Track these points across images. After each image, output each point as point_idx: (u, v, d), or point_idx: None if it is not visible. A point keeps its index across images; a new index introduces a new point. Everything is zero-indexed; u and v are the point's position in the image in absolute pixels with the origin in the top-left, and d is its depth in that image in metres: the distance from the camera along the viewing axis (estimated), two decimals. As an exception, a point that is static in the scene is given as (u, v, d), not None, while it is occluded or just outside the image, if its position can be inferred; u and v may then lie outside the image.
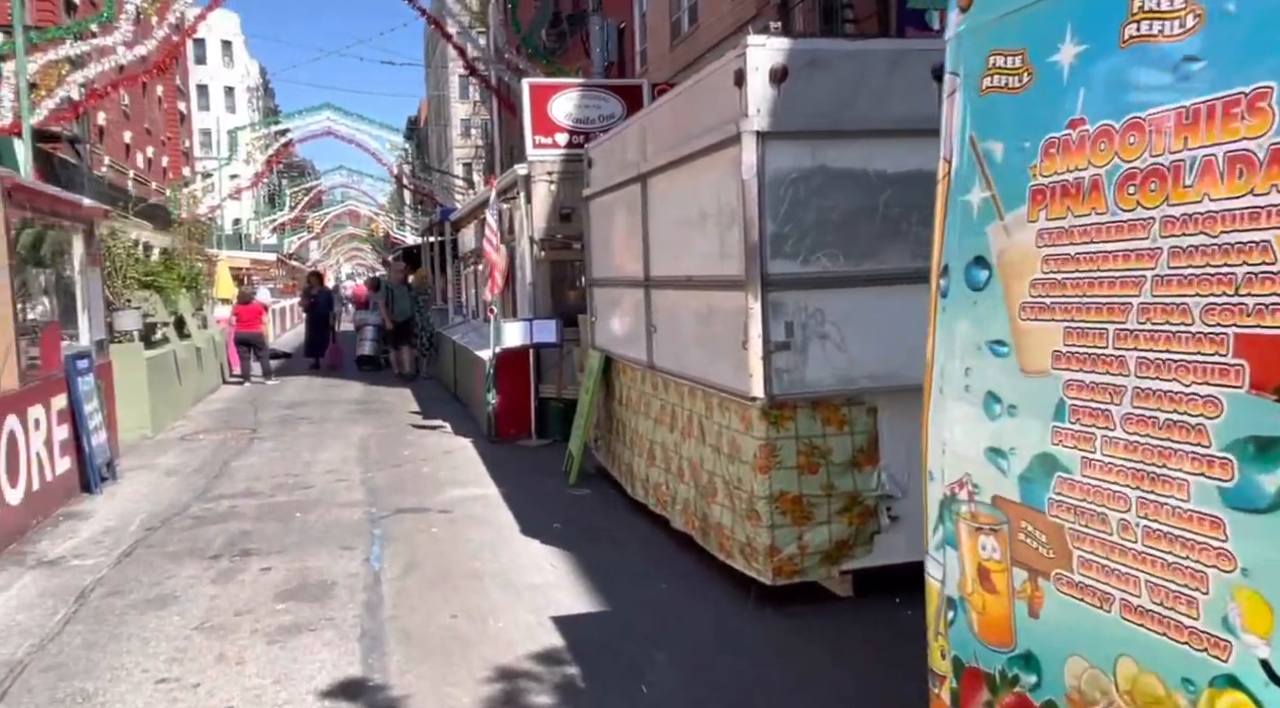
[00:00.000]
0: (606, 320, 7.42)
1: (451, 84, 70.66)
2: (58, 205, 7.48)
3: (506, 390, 9.35)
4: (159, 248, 13.83)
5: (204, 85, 66.02)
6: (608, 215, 7.20)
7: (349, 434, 9.91)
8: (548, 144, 9.51)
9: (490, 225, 9.16)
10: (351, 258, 80.00)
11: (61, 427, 7.03)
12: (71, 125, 26.15)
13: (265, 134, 37.35)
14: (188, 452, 9.14)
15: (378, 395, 13.15)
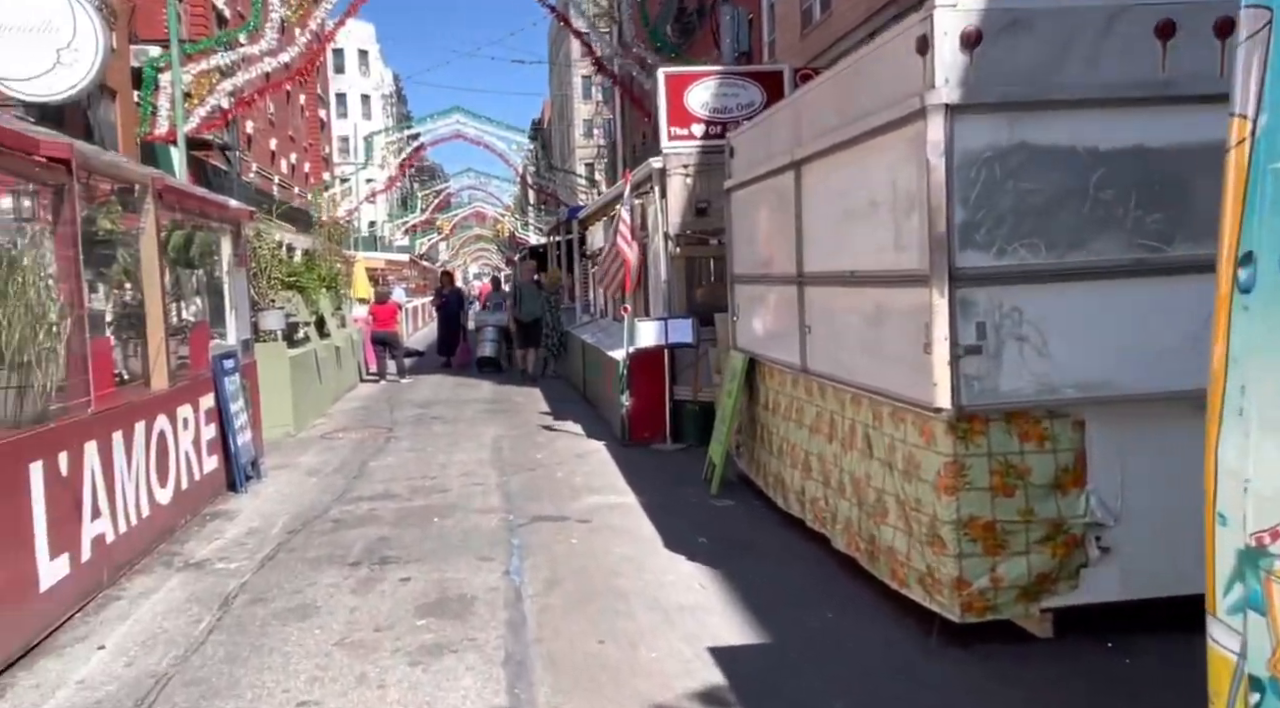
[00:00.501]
0: (750, 320, 6.97)
1: (575, 84, 71.47)
2: (206, 206, 7.59)
3: (640, 392, 9.02)
4: (301, 249, 14.22)
5: (342, 93, 68.97)
6: (752, 207, 6.75)
7: (481, 435, 9.81)
8: (683, 136, 9.13)
9: (624, 221, 8.85)
10: (478, 258, 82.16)
11: (209, 426, 7.11)
12: (222, 133, 27.55)
13: (398, 139, 38.54)
14: (328, 450, 9.21)
15: (507, 395, 13.09)
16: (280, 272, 11.43)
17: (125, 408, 5.55)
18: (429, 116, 37.11)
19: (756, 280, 6.71)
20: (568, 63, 72.13)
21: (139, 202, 6.11)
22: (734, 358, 7.19)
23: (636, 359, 8.96)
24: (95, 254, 5.88)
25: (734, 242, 7.30)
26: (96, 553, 4.95)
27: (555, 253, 19.68)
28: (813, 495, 5.48)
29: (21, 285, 4.37)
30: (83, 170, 5.12)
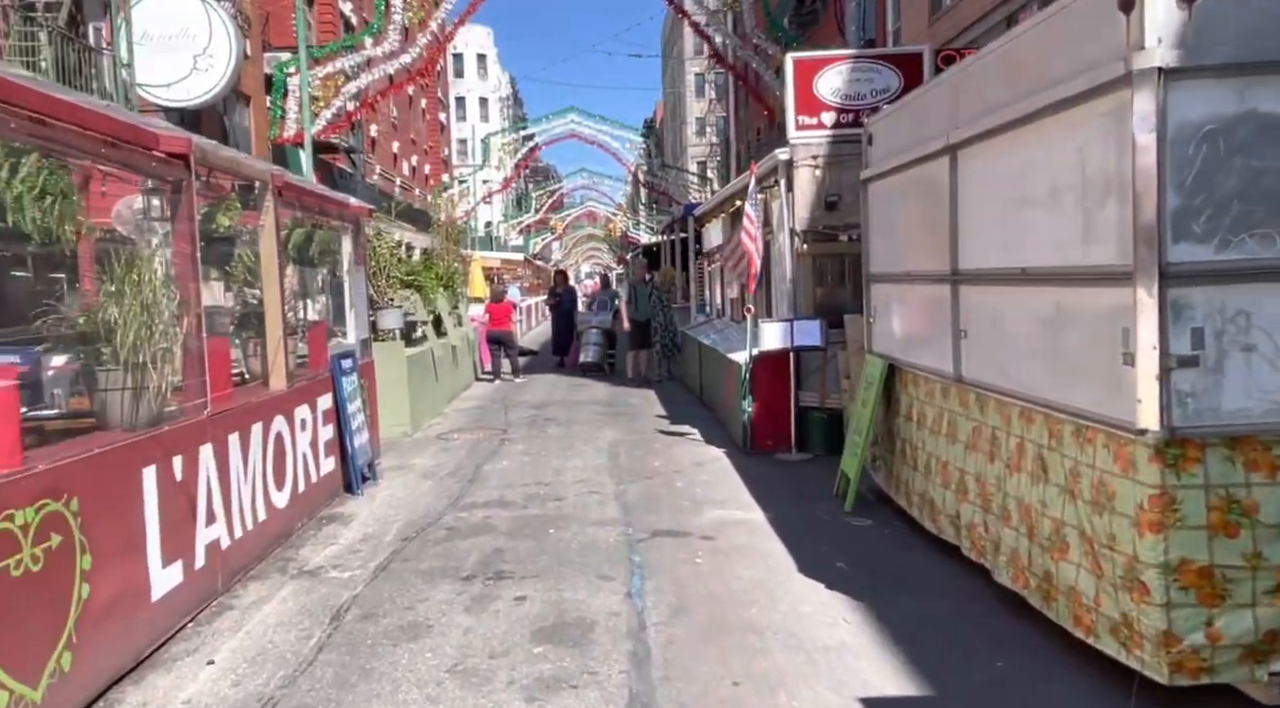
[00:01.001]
0: (889, 322, 6.39)
1: (688, 82, 71.16)
2: (325, 204, 7.51)
3: (763, 398, 8.52)
4: (419, 249, 14.30)
5: (461, 97, 70.67)
6: (894, 199, 6.17)
7: (596, 439, 9.50)
8: (812, 125, 8.58)
9: (749, 216, 8.37)
10: (589, 257, 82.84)
11: (327, 427, 7.01)
12: (347, 136, 28.40)
13: (513, 140, 39.01)
14: (443, 452, 9.07)
15: (622, 397, 12.78)
16: (399, 271, 11.42)
17: (242, 409, 5.44)
18: (544, 117, 37.41)
19: (898, 279, 6.13)
20: (681, 60, 71.89)
21: (259, 199, 6.02)
22: (870, 364, 6.62)
23: (759, 363, 8.47)
24: (214, 252, 5.81)
25: (871, 237, 6.73)
26: (211, 559, 4.81)
27: (669, 251, 19.31)
28: (969, 520, 4.88)
29: (137, 284, 4.24)
30: (201, 166, 5.00)
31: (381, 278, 10.46)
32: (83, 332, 4.24)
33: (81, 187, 5.98)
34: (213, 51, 14.99)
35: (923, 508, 5.63)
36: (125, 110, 4.51)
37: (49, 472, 3.46)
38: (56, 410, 5.03)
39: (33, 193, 3.56)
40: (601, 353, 15.44)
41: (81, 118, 3.98)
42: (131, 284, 4.25)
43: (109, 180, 5.80)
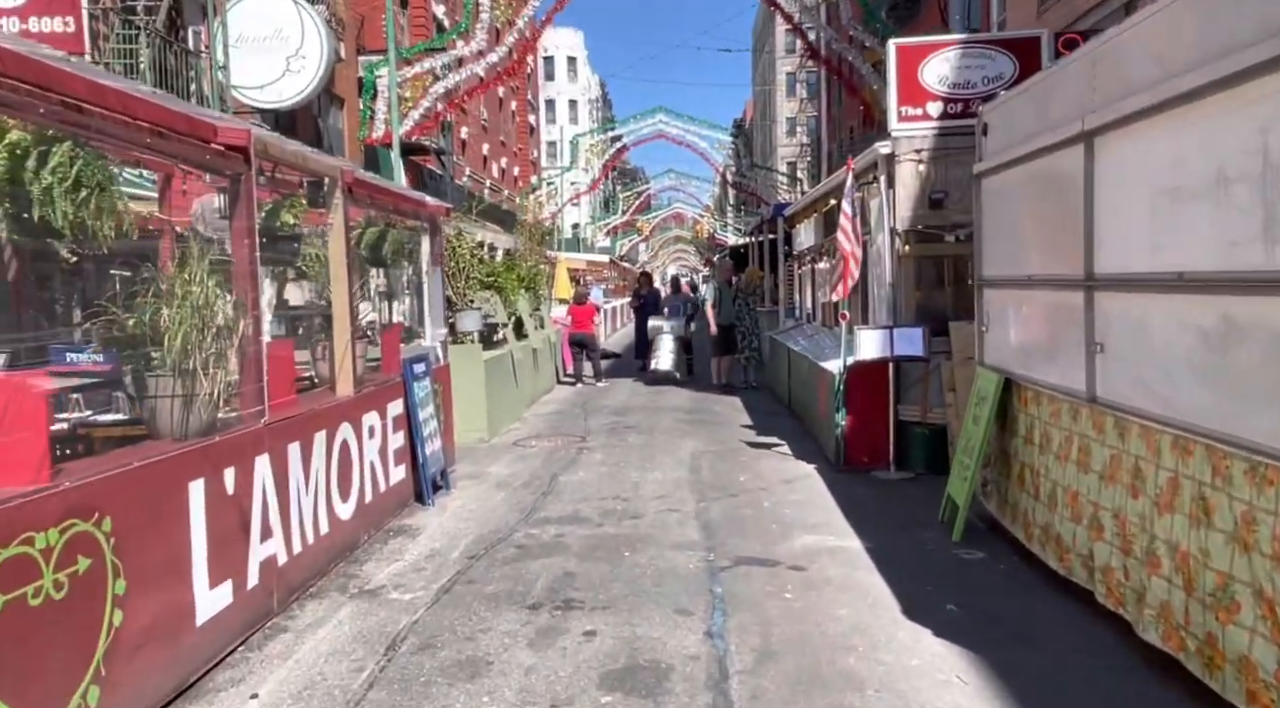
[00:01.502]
0: (1006, 331, 5.74)
1: (778, 81, 70.15)
2: (400, 202, 7.25)
3: (858, 410, 7.91)
4: (502, 249, 14.10)
5: (551, 100, 71.26)
6: (1014, 194, 5.52)
7: (678, 449, 9.03)
8: (916, 116, 7.92)
9: (846, 214, 7.77)
10: (676, 259, 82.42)
11: (397, 434, 6.73)
12: (438, 138, 28.64)
13: (601, 140, 38.89)
14: (519, 460, 8.74)
15: (706, 405, 12.28)
16: (479, 272, 11.19)
17: (305, 417, 5.16)
18: (631, 117, 37.16)
19: (1017, 284, 5.49)
20: (772, 59, 70.91)
21: (328, 196, 5.76)
22: (983, 378, 5.97)
23: (854, 373, 7.87)
24: (279, 251, 5.56)
25: (984, 237, 6.09)
26: (265, 578, 4.54)
27: (757, 253, 18.69)
28: (1104, 563, 4.23)
29: (188, 284, 3.98)
30: (263, 159, 4.74)
31: (461, 279, 10.23)
32: (132, 334, 3.99)
33: (162, 185, 5.85)
34: (305, 52, 15.09)
35: (1045, 543, 4.98)
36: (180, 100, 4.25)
37: (77, 489, 3.18)
38: (119, 416, 4.85)
39: (64, 185, 3.29)
40: (675, 361, 14.53)
41: (131, 107, 3.73)
42: (183, 284, 3.99)
43: (189, 178, 5.65)
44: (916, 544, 5.66)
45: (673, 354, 14.36)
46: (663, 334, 14.47)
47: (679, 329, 14.39)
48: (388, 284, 7.75)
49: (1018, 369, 5.49)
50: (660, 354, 14.34)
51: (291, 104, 15.48)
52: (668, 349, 14.30)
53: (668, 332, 14.40)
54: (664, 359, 14.30)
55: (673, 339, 14.42)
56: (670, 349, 14.34)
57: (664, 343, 14.38)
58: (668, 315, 15.07)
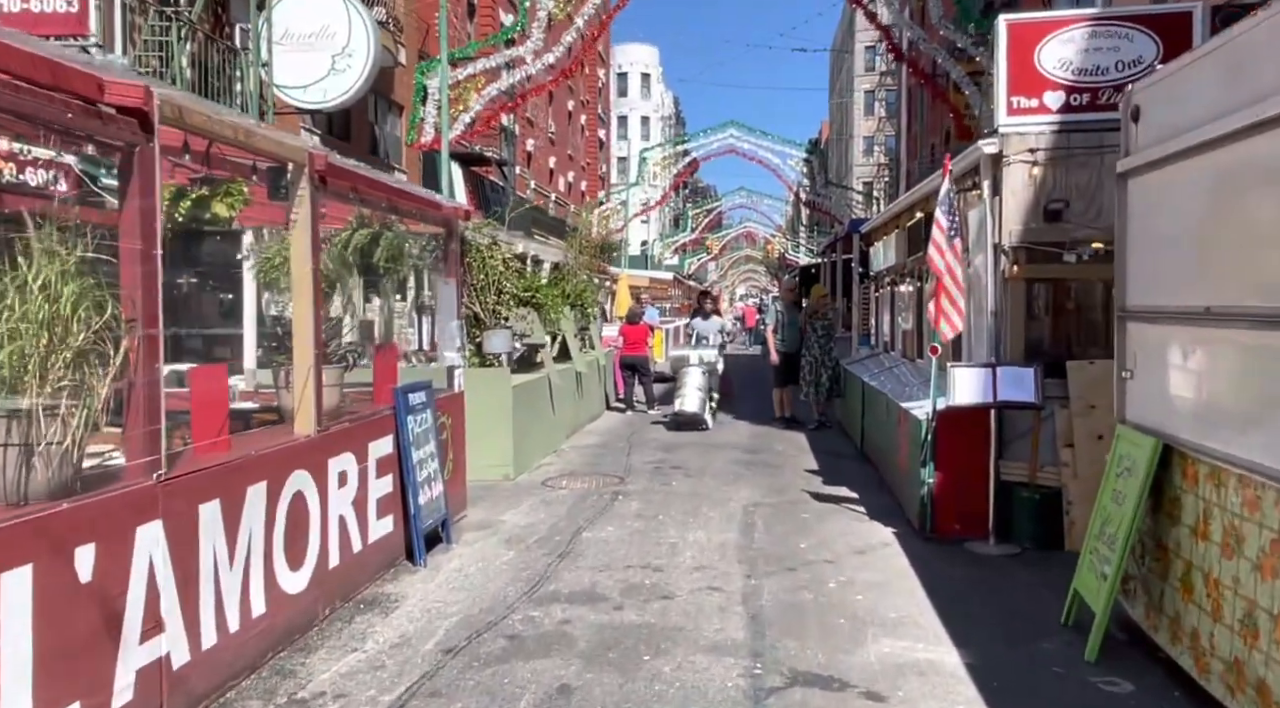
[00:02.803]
0: (1165, 380, 4.28)
1: (857, 99, 68.37)
2: (402, 201, 6.11)
3: (951, 465, 6.47)
4: (549, 263, 12.99)
5: (624, 116, 70.68)
6: (1184, 196, 4.09)
7: (729, 500, 7.68)
8: (1031, 108, 6.48)
9: (940, 225, 6.36)
10: (746, 279, 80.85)
11: (384, 479, 5.56)
12: (499, 149, 27.86)
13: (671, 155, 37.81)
14: (542, 506, 7.50)
15: (767, 442, 10.88)
16: (516, 286, 10.05)
17: (229, 467, 4.00)
18: (701, 131, 35.98)
19: (1186, 317, 4.04)
20: (850, 76, 69.10)
21: (291, 185, 4.63)
22: (1129, 441, 4.50)
23: (946, 419, 6.43)
24: (206, 250, 4.44)
25: (1130, 254, 4.64)
26: (146, 690, 3.35)
27: (829, 274, 17.19)
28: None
29: (29, 284, 2.85)
30: (174, 127, 3.61)
31: (490, 293, 9.08)
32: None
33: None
34: (352, 50, 14.26)
35: (1230, 680, 3.51)
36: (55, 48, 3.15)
37: None
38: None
39: None
40: (703, 401, 11.74)
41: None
42: (15, 285, 2.86)
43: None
44: (1036, 662, 4.21)
45: (701, 393, 11.76)
46: (689, 368, 11.88)
47: (710, 362, 11.97)
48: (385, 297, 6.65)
49: (1185, 434, 4.02)
50: (685, 393, 11.71)
51: (336, 104, 14.66)
52: (694, 386, 11.67)
53: (695, 364, 11.86)
54: (689, 399, 11.65)
55: (701, 374, 11.84)
56: (698, 386, 11.75)
57: (690, 378, 11.78)
58: (695, 343, 12.87)
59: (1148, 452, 4.20)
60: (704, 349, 12.02)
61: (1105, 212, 6.39)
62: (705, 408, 11.68)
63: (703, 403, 11.65)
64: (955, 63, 13.51)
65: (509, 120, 29.48)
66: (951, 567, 5.76)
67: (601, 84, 50.51)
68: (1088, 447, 6.25)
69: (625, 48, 69.69)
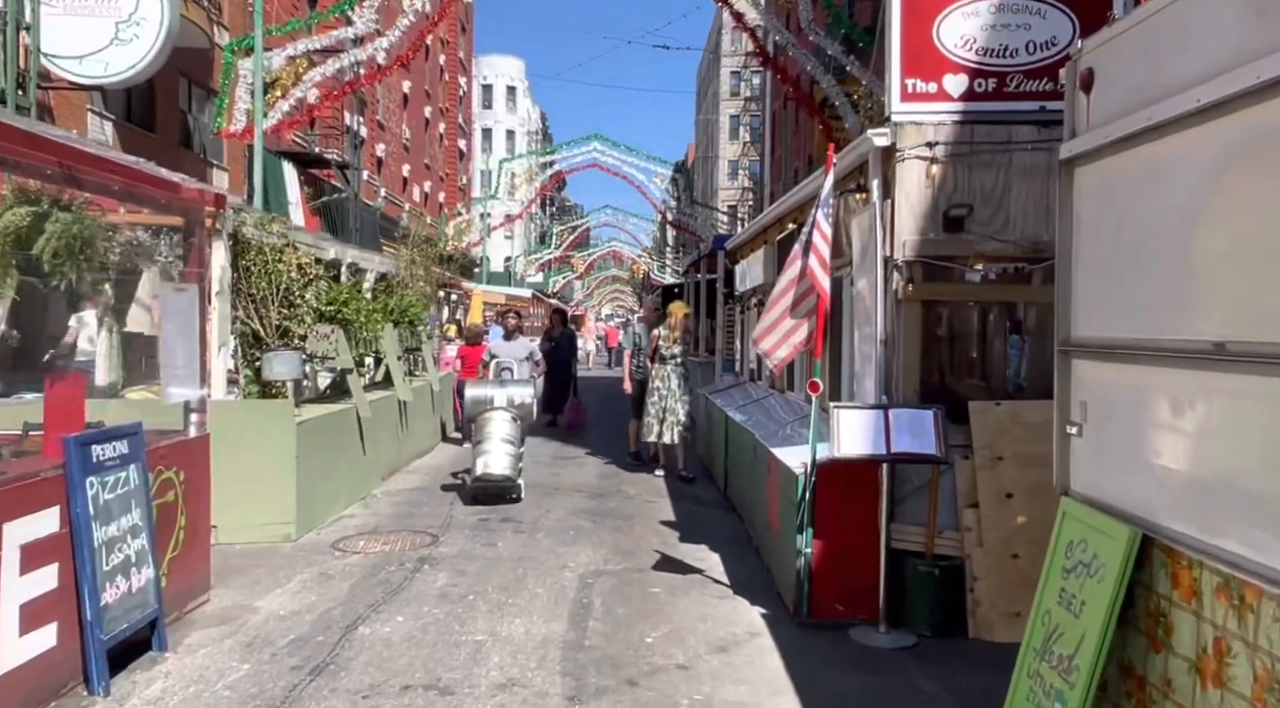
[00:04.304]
0: (1137, 442, 3.06)
1: (722, 124, 68.92)
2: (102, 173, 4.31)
3: (832, 531, 5.21)
4: (373, 272, 11.21)
5: (489, 129, 68.66)
6: (1165, 190, 2.91)
7: (565, 566, 6.19)
8: (929, 94, 5.34)
9: (822, 230, 5.11)
10: (612, 299, 79.90)
11: (34, 574, 3.77)
12: (342, 151, 25.62)
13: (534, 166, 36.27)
14: (319, 582, 5.79)
15: (618, 484, 9.46)
16: (320, 300, 8.29)
17: None
18: (565, 143, 34.64)
19: (1167, 357, 2.84)
20: (716, 100, 69.60)
21: None
22: (1084, 521, 3.28)
23: (827, 474, 5.16)
24: None
25: (1078, 269, 3.47)
26: None
27: (693, 294, 16.01)
28: None
29: None
30: None
31: (274, 306, 7.30)
32: None
33: None
34: (140, 18, 12.09)
35: None
36: None
37: None
38: None
39: None
40: (514, 460, 8.16)
41: None
42: None
43: None
44: None
45: (511, 447, 8.12)
46: (491, 413, 8.21)
47: (523, 402, 8.41)
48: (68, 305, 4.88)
49: (1179, 524, 2.81)
50: (488, 448, 8.04)
51: (120, 81, 12.41)
52: (500, 437, 8.06)
53: (499, 405, 8.25)
54: (494, 457, 8.00)
55: (510, 421, 8.19)
56: (506, 437, 8.09)
57: (493, 428, 8.09)
58: (498, 374, 9.20)
59: (1122, 547, 2.97)
60: (514, 387, 8.49)
61: (1014, 221, 5.31)
62: (517, 469, 8.25)
63: (514, 462, 8.14)
64: (825, 71, 12.66)
65: (355, 122, 27.28)
66: (837, 671, 4.44)
67: (463, 92, 48.50)
68: (994, 508, 5.11)
69: (490, 58, 67.87)
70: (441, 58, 42.50)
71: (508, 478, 8.12)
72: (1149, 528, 2.94)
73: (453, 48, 44.53)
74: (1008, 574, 5.02)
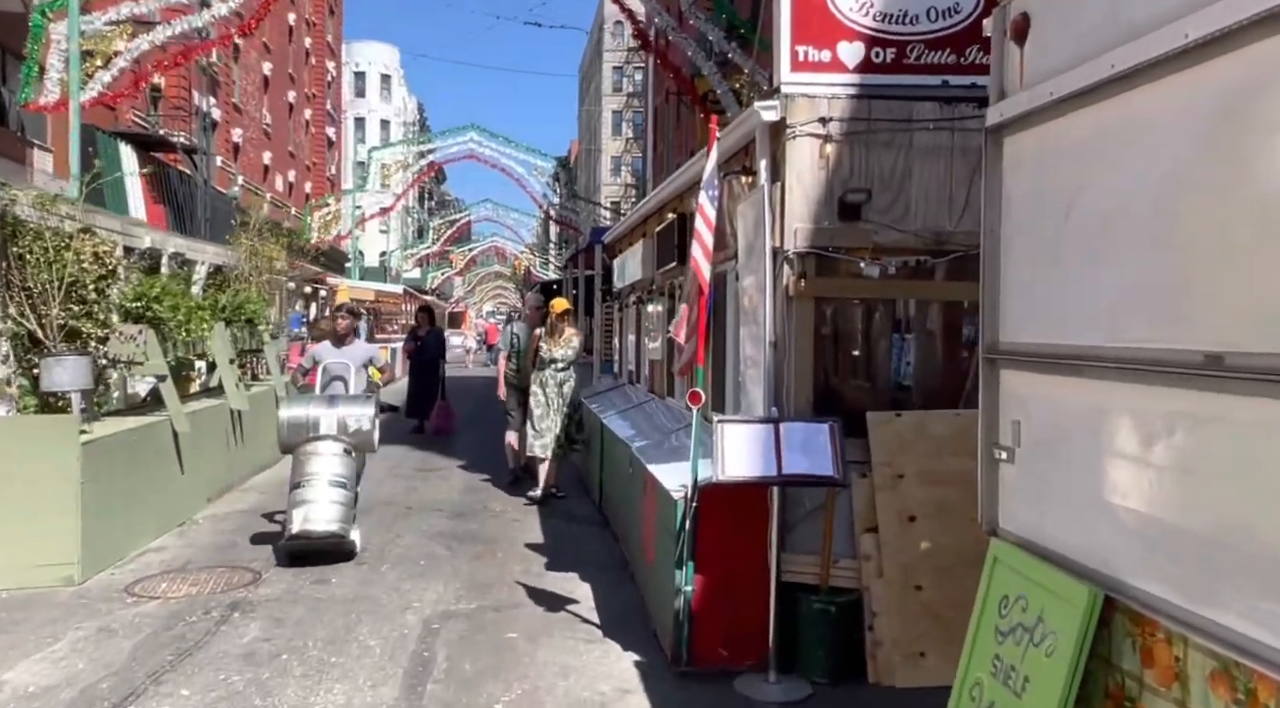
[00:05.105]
0: (1092, 476, 2.44)
1: (604, 119, 68.34)
2: None
3: (716, 564, 4.51)
4: (205, 264, 9.92)
5: (362, 118, 65.84)
6: (1112, 164, 2.29)
7: (408, 608, 5.28)
8: (823, 64, 4.70)
9: (705, 216, 4.39)
10: (495, 296, 78.07)
11: None
12: (190, 134, 23.64)
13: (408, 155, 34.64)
14: (96, 641, 4.70)
15: (482, 500, 8.56)
16: (127, 295, 7.08)
17: None
18: (441, 133, 33.21)
19: (1135, 371, 2.21)
20: (599, 96, 68.90)
21: None
22: (1020, 571, 2.65)
23: (711, 498, 4.45)
24: None
25: (1009, 260, 2.87)
26: None
27: (571, 291, 15.13)
28: None
29: None
30: None
31: (56, 303, 6.08)
32: None
33: None
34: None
35: None
36: None
37: None
38: None
39: None
40: (344, 508, 6.15)
41: None
42: None
43: None
44: None
45: (341, 490, 6.15)
46: (314, 444, 6.23)
47: (360, 428, 6.32)
48: None
49: (1157, 586, 2.18)
50: (309, 496, 6.05)
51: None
52: (328, 478, 6.12)
53: (326, 432, 6.26)
54: (318, 508, 6.04)
55: (338, 457, 6.22)
56: (335, 477, 6.15)
57: (318, 464, 6.15)
58: (326, 388, 7.03)
59: (1080, 614, 2.33)
60: (347, 406, 6.35)
61: (915, 209, 4.72)
62: (349, 518, 6.16)
63: (344, 512, 6.09)
64: (707, 58, 12.10)
65: (206, 103, 25.23)
66: (722, 738, 3.73)
67: (331, 78, 46.10)
68: (896, 533, 4.51)
69: (363, 45, 65.03)
70: (308, 40, 40.18)
71: (334, 535, 6.02)
72: (1111, 586, 2.32)
73: (319, 30, 42.19)
74: (910, 609, 4.43)
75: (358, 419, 6.39)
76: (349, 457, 6.35)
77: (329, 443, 6.29)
